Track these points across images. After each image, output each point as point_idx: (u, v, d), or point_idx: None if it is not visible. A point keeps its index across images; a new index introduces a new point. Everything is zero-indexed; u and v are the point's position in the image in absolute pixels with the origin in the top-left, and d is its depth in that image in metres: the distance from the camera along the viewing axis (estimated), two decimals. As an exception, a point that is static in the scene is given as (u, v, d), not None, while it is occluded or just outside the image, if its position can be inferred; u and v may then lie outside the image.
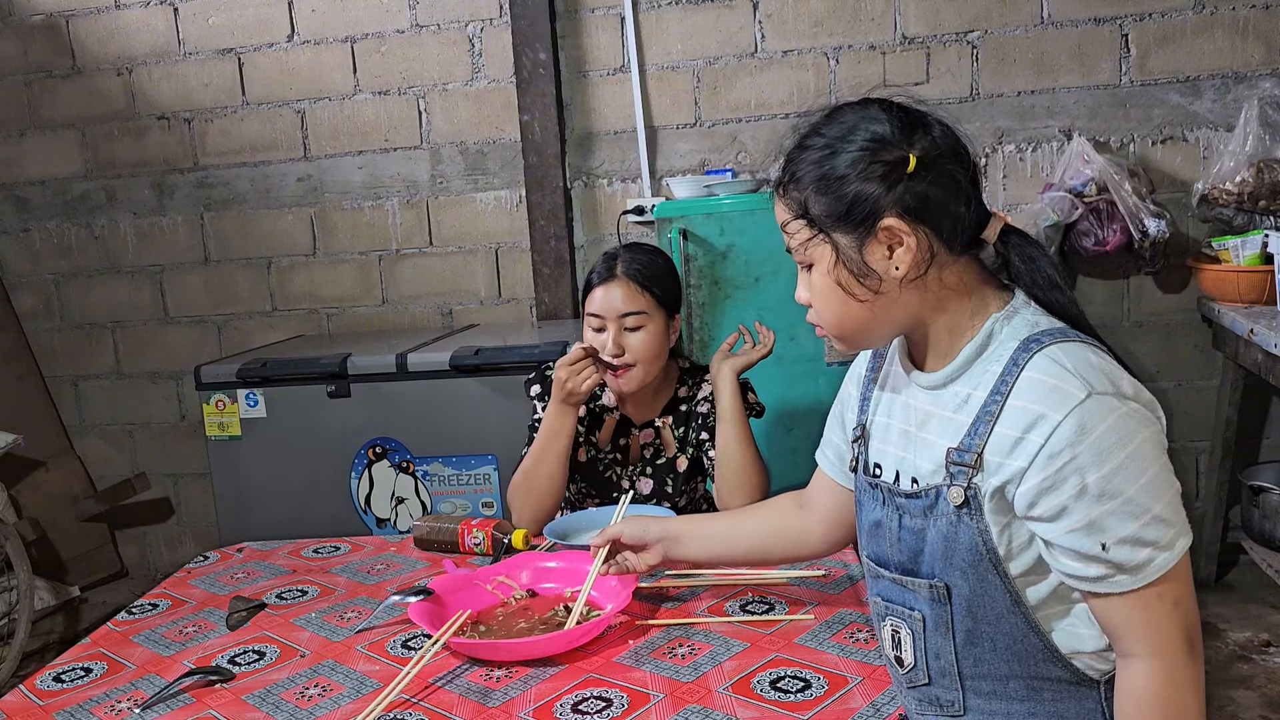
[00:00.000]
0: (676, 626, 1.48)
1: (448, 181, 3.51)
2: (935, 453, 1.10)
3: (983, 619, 1.08)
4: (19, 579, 3.03)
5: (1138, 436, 0.99)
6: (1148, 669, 1.01)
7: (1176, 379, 3.21)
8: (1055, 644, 1.08)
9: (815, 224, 1.08)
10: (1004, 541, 1.05)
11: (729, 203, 2.77)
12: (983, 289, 1.11)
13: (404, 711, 1.28)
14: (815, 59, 3.22)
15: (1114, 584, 1.00)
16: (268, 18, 3.51)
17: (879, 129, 1.06)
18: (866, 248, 1.06)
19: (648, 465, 2.02)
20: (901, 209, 1.04)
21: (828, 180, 1.06)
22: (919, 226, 1.05)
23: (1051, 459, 0.99)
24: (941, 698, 1.14)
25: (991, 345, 1.08)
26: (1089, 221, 2.89)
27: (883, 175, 1.04)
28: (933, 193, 1.05)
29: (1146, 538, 0.98)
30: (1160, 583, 0.99)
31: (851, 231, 1.06)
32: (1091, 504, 0.98)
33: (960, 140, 1.09)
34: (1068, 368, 1.00)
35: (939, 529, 1.08)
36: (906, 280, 1.07)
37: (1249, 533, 2.97)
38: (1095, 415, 0.98)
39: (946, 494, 1.07)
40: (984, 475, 1.04)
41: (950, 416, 1.09)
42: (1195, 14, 3.04)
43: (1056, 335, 1.04)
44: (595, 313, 1.91)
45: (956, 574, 1.08)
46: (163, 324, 3.79)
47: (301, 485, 2.94)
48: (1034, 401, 1.01)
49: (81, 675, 1.47)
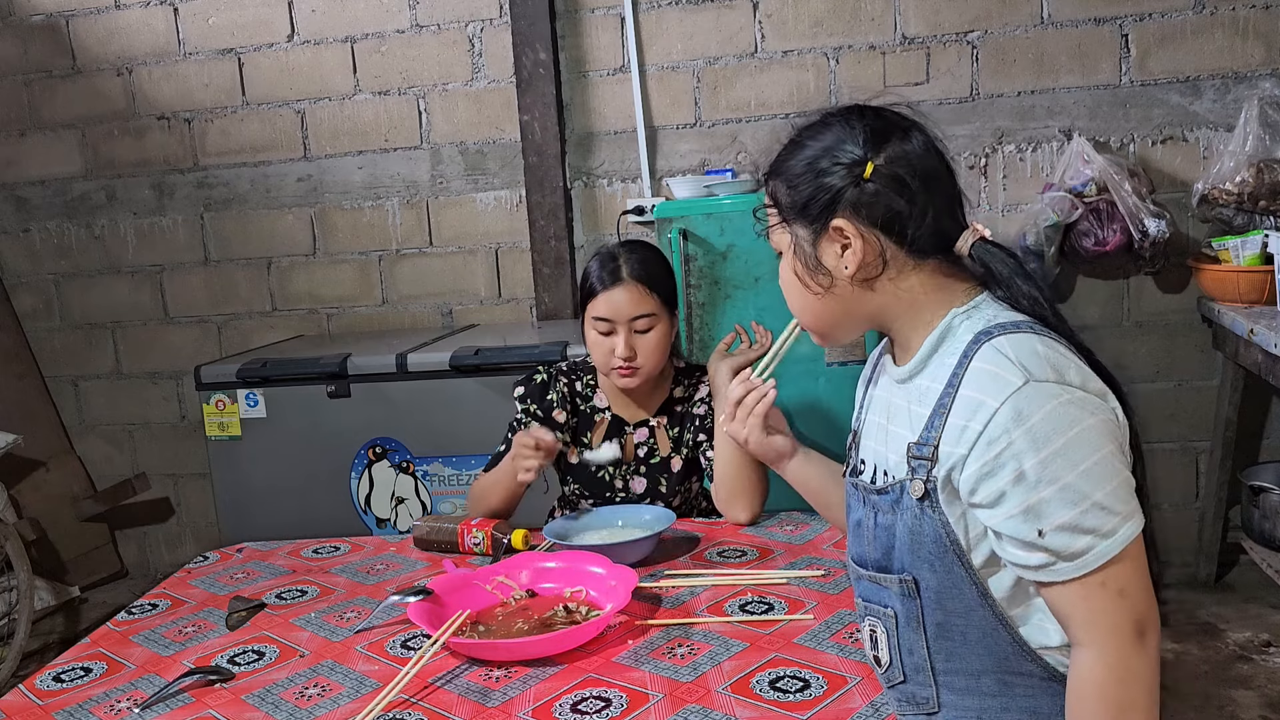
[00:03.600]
0: (676, 626, 1.48)
1: (448, 181, 3.51)
2: (899, 445, 1.12)
3: (953, 611, 1.09)
4: (19, 579, 3.03)
5: (1079, 424, 0.99)
6: (1092, 658, 1.00)
7: (1176, 379, 3.21)
8: (1024, 638, 1.08)
9: (781, 212, 1.16)
10: (962, 531, 1.07)
11: (729, 203, 2.77)
12: (950, 286, 1.13)
13: (403, 711, 1.28)
14: (815, 59, 3.22)
15: (1055, 572, 1.00)
16: (268, 18, 3.51)
17: (849, 133, 1.11)
18: (819, 243, 1.12)
19: (641, 464, 2.02)
20: (853, 211, 1.09)
21: (793, 173, 1.13)
22: (872, 230, 1.09)
23: (990, 445, 1.00)
24: (917, 695, 1.15)
25: (949, 339, 1.10)
26: (1089, 221, 2.89)
27: (841, 176, 1.09)
28: (890, 200, 1.08)
29: (1085, 525, 0.98)
30: (1103, 570, 0.99)
31: (808, 225, 1.13)
32: (1029, 490, 0.99)
33: (941, 155, 1.12)
34: (1009, 356, 1.02)
35: (905, 523, 1.10)
36: (856, 280, 1.11)
37: (1249, 533, 2.97)
38: (1032, 402, 0.99)
39: (909, 487, 1.09)
40: (939, 466, 1.06)
41: (913, 409, 1.12)
42: (1195, 14, 3.04)
43: (1009, 327, 1.06)
44: (603, 317, 1.90)
45: (924, 567, 1.09)
46: (163, 324, 3.79)
47: (301, 485, 2.94)
48: (976, 390, 1.03)
49: (81, 675, 1.47)
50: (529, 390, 2.03)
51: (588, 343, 1.96)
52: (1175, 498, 3.26)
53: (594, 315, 1.92)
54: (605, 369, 1.94)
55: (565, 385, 2.04)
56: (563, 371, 2.06)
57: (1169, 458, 3.25)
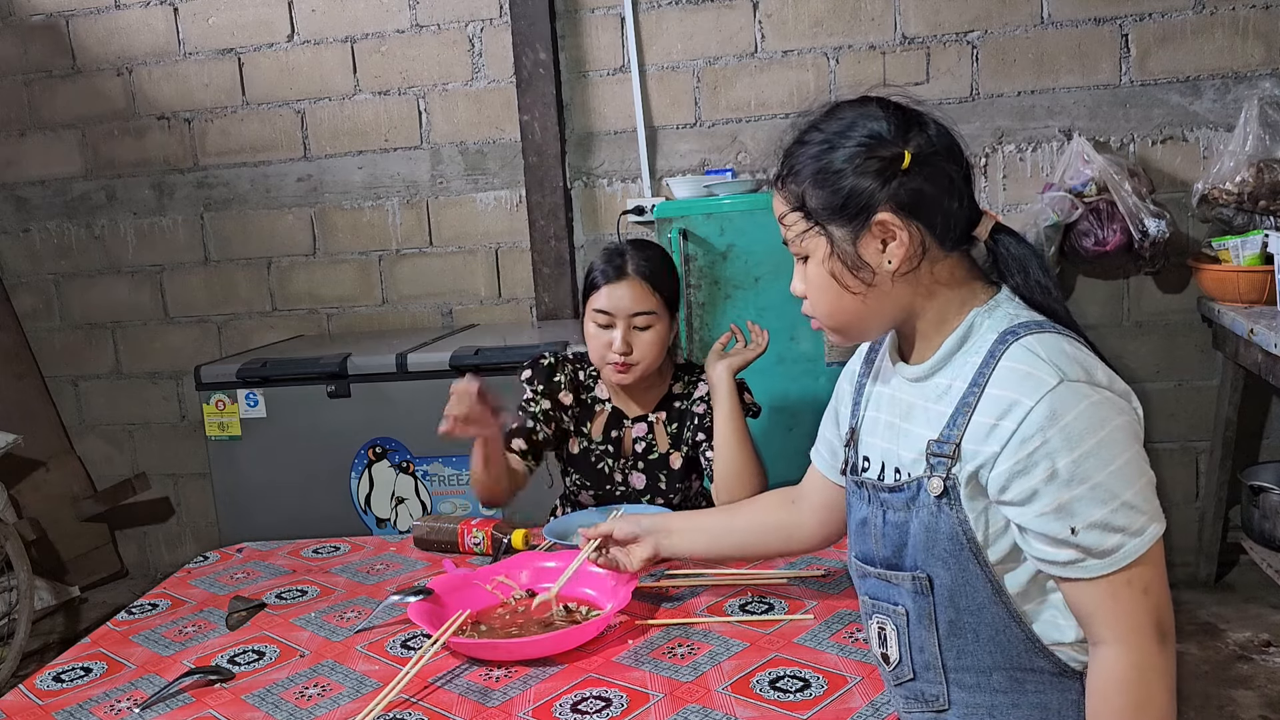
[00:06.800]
0: (676, 626, 1.48)
1: (448, 181, 3.51)
2: (916, 443, 1.12)
3: (965, 609, 1.10)
4: (19, 579, 3.03)
5: (1109, 424, 1.00)
6: (1114, 655, 1.02)
7: (1176, 379, 3.21)
8: (1036, 634, 1.09)
9: (811, 216, 1.11)
10: (981, 527, 1.07)
11: (729, 203, 2.77)
12: (971, 283, 1.13)
13: (403, 711, 1.28)
14: (815, 59, 3.22)
15: (1083, 569, 1.01)
16: (268, 18, 3.51)
17: (876, 126, 1.08)
18: (860, 241, 1.09)
19: (639, 460, 2.02)
20: (895, 204, 1.07)
21: (825, 174, 1.09)
22: (912, 221, 1.08)
23: (1023, 443, 1.01)
24: (926, 692, 1.15)
25: (972, 337, 1.10)
26: (1089, 221, 2.89)
27: (878, 170, 1.07)
28: (926, 189, 1.07)
29: (1115, 523, 0.99)
30: (1130, 569, 1.00)
31: (846, 224, 1.09)
32: (1061, 488, 1.00)
33: (955, 139, 1.11)
34: (1041, 355, 1.03)
35: (920, 520, 1.10)
36: (899, 274, 1.10)
37: (1249, 533, 2.97)
38: (1067, 401, 1.00)
39: (927, 485, 1.09)
40: (961, 464, 1.06)
41: (932, 407, 1.11)
42: (1195, 14, 3.04)
43: (1033, 327, 1.07)
44: (604, 310, 1.90)
45: (938, 564, 1.09)
46: (163, 324, 3.79)
47: (301, 485, 2.94)
48: (1008, 389, 1.03)
49: (81, 675, 1.47)
50: (536, 372, 2.04)
51: (586, 335, 1.96)
52: (1175, 498, 3.26)
53: (594, 307, 1.92)
54: (600, 363, 1.94)
55: (572, 370, 2.05)
56: (568, 359, 2.07)
57: (1169, 457, 3.25)
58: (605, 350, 1.91)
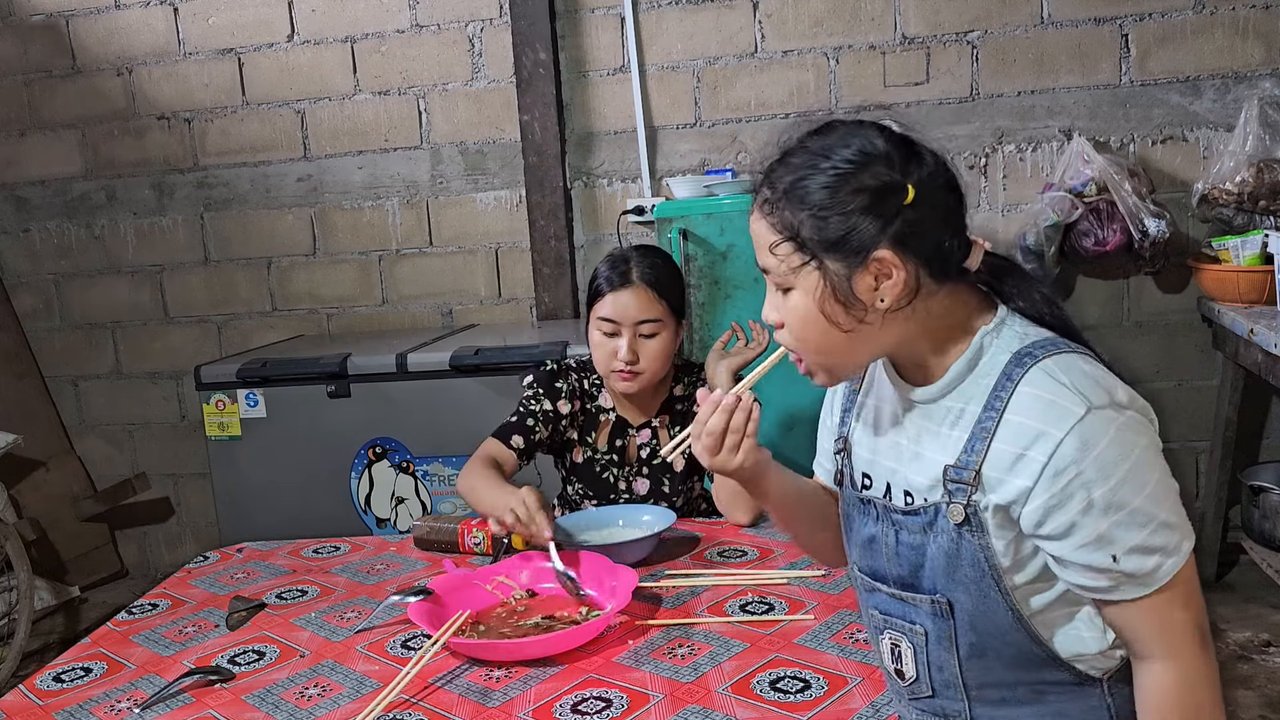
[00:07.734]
0: (676, 626, 1.48)
1: (448, 181, 3.51)
2: (930, 469, 1.08)
3: (986, 632, 1.08)
4: (19, 579, 3.03)
5: (1138, 446, 1.00)
6: (1164, 670, 1.02)
7: (1176, 379, 3.21)
8: (1056, 650, 1.08)
9: (806, 248, 1.04)
10: (1010, 553, 1.05)
11: (729, 203, 2.77)
12: (967, 307, 1.09)
13: (404, 711, 1.28)
14: (815, 59, 3.22)
15: (1125, 592, 1.01)
16: (268, 18, 3.51)
17: (878, 156, 1.03)
18: (855, 277, 1.03)
19: (644, 466, 2.02)
20: (895, 240, 1.02)
21: (826, 206, 1.03)
22: (909, 258, 1.03)
23: (1056, 476, 0.98)
24: (948, 709, 1.14)
25: (983, 359, 1.07)
26: (1089, 221, 2.89)
27: (882, 206, 1.01)
28: (924, 224, 1.03)
29: (1154, 544, 0.99)
30: (1170, 587, 1.00)
31: (842, 260, 1.03)
32: (1099, 518, 0.98)
33: (950, 169, 1.07)
34: (1064, 383, 1.00)
35: (939, 545, 1.07)
36: (890, 311, 1.04)
37: (1249, 533, 2.97)
38: (1096, 430, 0.98)
39: (946, 512, 1.06)
40: (983, 492, 1.03)
41: (945, 432, 1.08)
42: (1195, 14, 3.03)
43: (1049, 347, 1.04)
44: (609, 318, 1.89)
45: (959, 590, 1.07)
46: (163, 324, 3.79)
47: (301, 485, 2.94)
48: (1032, 418, 1.00)
49: (81, 675, 1.47)
50: (538, 378, 2.03)
51: (590, 343, 1.95)
52: (1175, 498, 3.26)
53: (599, 315, 1.91)
54: (605, 371, 1.94)
55: (575, 379, 2.04)
56: (571, 367, 2.06)
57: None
58: (610, 359, 1.90)
